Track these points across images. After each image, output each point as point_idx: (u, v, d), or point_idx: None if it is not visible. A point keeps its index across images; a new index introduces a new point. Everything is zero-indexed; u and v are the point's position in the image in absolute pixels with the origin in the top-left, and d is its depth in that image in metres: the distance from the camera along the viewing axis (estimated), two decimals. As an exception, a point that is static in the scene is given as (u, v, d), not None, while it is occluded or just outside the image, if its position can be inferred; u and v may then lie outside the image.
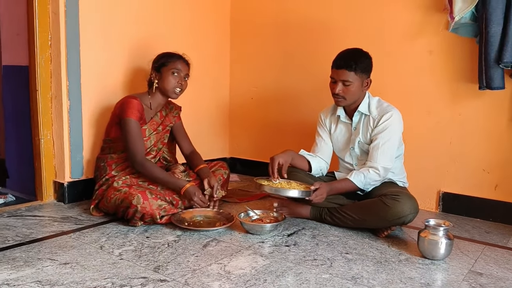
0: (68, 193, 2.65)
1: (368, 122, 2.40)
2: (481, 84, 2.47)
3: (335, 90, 2.34)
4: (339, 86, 2.32)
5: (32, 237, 2.10)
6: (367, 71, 2.36)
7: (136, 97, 2.47)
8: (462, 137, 2.69)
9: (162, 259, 1.89)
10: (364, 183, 2.30)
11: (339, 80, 2.32)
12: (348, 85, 2.31)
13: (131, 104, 2.41)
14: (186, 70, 2.54)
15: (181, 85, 2.51)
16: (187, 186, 2.38)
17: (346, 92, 2.33)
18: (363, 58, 2.34)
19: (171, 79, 2.48)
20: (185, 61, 2.55)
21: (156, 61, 2.54)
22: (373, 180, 2.31)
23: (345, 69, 2.29)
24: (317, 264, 1.90)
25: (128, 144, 2.38)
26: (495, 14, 2.33)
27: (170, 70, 2.48)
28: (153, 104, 2.56)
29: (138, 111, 2.42)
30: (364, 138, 2.42)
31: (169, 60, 2.50)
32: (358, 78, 2.32)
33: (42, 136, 2.65)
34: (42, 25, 2.57)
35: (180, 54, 2.56)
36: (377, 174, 2.30)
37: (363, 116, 2.42)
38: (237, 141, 3.78)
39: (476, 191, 2.68)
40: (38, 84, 2.61)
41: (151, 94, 2.55)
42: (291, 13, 3.33)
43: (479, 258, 2.05)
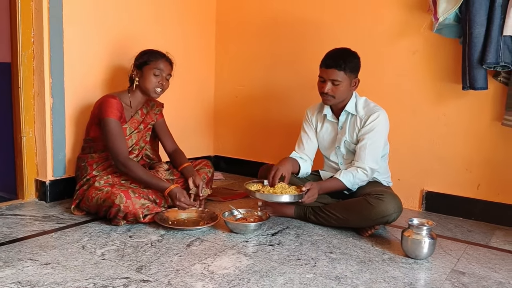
0: (50, 191, 2.62)
1: (355, 121, 2.41)
2: (464, 85, 2.49)
3: (324, 89, 2.33)
4: (328, 85, 2.32)
5: (12, 236, 2.07)
6: (355, 71, 2.37)
7: (115, 96, 2.43)
8: (445, 137, 2.72)
9: (145, 259, 1.88)
10: (352, 182, 2.31)
11: (328, 79, 2.31)
12: (337, 85, 2.31)
13: (110, 103, 2.37)
14: (168, 70, 2.49)
15: (162, 85, 2.47)
16: (171, 188, 2.34)
17: (335, 91, 2.33)
18: (352, 58, 2.34)
19: (152, 79, 2.44)
20: (168, 60, 2.50)
21: (138, 58, 2.49)
22: (361, 180, 2.33)
23: (335, 68, 2.29)
24: (301, 263, 1.90)
25: (110, 144, 2.34)
26: (478, 15, 2.35)
27: (151, 70, 2.43)
28: (133, 103, 2.52)
29: (117, 110, 2.38)
30: (351, 137, 2.43)
31: (152, 59, 2.45)
32: (347, 78, 2.32)
33: (24, 133, 2.61)
34: (25, 21, 2.53)
35: (163, 52, 2.51)
36: (365, 174, 2.32)
37: (350, 116, 2.43)
38: (221, 139, 3.77)
39: (459, 190, 2.71)
40: (21, 81, 2.57)
41: (131, 92, 2.51)
42: (278, 11, 3.32)
43: (461, 257, 2.07)
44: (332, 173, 2.55)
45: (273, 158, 3.21)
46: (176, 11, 3.27)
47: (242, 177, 3.56)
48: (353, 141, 2.42)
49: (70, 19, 2.58)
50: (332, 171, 2.56)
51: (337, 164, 2.52)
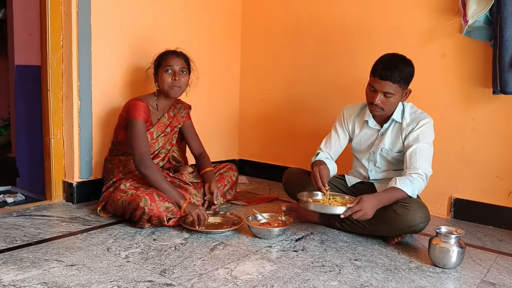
0: (77, 193, 2.66)
1: (399, 129, 2.32)
2: (495, 89, 2.43)
3: (374, 100, 2.21)
4: (379, 97, 2.20)
5: (40, 237, 2.10)
6: (409, 82, 2.25)
7: (142, 99, 2.45)
8: (475, 143, 2.65)
9: (169, 262, 1.88)
10: (412, 189, 2.13)
11: (381, 91, 2.19)
12: (389, 97, 2.21)
13: (137, 105, 2.40)
14: (180, 64, 2.46)
15: (177, 81, 2.43)
16: (184, 206, 2.27)
17: (385, 103, 2.22)
18: (408, 68, 2.20)
19: (165, 77, 2.43)
20: (177, 55, 2.48)
21: (154, 63, 2.52)
22: (419, 186, 2.17)
23: (390, 81, 2.16)
24: (325, 270, 1.88)
25: (133, 145, 2.35)
26: (510, 18, 2.29)
27: (163, 69, 2.44)
28: (159, 106, 2.54)
29: (144, 113, 2.40)
30: (391, 145, 2.35)
31: (162, 59, 2.47)
32: (401, 90, 2.22)
33: (53, 135, 2.66)
34: (54, 25, 2.58)
35: (172, 49, 2.51)
36: (421, 179, 2.16)
37: (394, 123, 2.35)
38: (246, 143, 3.76)
39: (488, 197, 2.63)
40: (50, 84, 2.62)
41: (157, 95, 2.53)
42: (302, 16, 3.30)
43: (491, 267, 2.01)
44: (359, 178, 2.52)
45: (297, 162, 3.19)
46: (202, 15, 3.29)
47: (266, 181, 3.56)
48: (393, 149, 2.34)
49: (98, 22, 2.62)
50: (359, 176, 2.52)
51: (366, 170, 2.47)
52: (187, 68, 2.51)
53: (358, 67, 3.02)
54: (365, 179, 2.50)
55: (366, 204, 2.06)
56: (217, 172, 2.72)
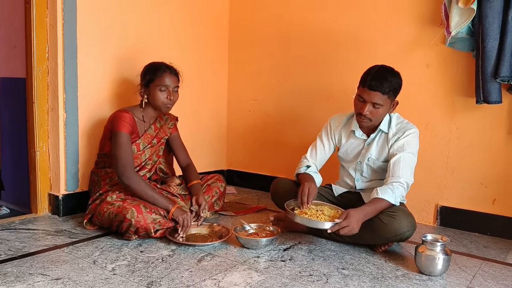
0: (63, 205, 2.63)
1: (385, 139, 2.35)
2: (478, 98, 2.46)
3: (363, 111, 2.23)
4: (368, 107, 2.22)
5: (24, 251, 2.08)
6: (397, 93, 2.28)
7: (128, 111, 2.43)
8: (459, 151, 2.68)
9: (156, 274, 1.87)
10: (394, 197, 2.15)
11: (370, 101, 2.22)
12: (378, 108, 2.23)
13: (122, 117, 2.38)
14: (174, 83, 2.46)
15: (170, 100, 2.45)
16: (173, 210, 2.29)
17: (374, 114, 2.25)
18: (396, 80, 2.23)
19: (159, 96, 2.42)
20: (172, 73, 2.47)
21: (142, 75, 2.48)
22: (400, 194, 2.18)
23: (379, 91, 2.19)
24: (313, 280, 1.88)
25: (116, 156, 2.33)
26: (491, 29, 2.33)
27: (157, 87, 2.42)
28: (146, 117, 2.53)
29: (129, 124, 2.39)
30: (377, 155, 2.37)
31: (156, 76, 2.42)
32: (389, 101, 2.25)
33: (38, 148, 2.64)
34: (40, 37, 2.57)
35: (166, 64, 2.48)
36: (403, 188, 2.19)
37: (380, 133, 2.37)
38: (234, 154, 3.77)
39: (474, 205, 2.66)
40: (35, 96, 2.60)
41: (143, 106, 2.51)
42: (290, 26, 3.33)
43: (477, 274, 2.02)
44: (345, 187, 2.53)
45: (285, 172, 3.20)
46: (189, 26, 3.30)
47: (255, 191, 3.56)
48: (379, 159, 2.37)
49: (83, 34, 2.62)
50: (345, 186, 2.54)
51: (353, 179, 2.48)
52: (178, 85, 2.51)
53: (345, 76, 3.05)
54: (351, 189, 2.51)
55: (353, 220, 2.06)
56: (204, 183, 2.72)
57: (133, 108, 2.51)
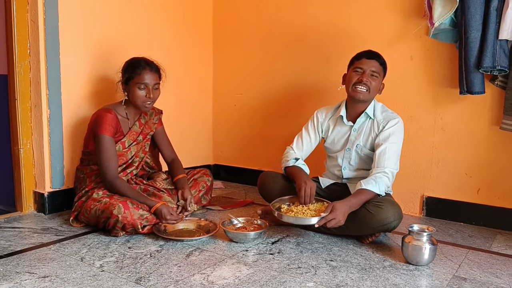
0: (48, 203, 2.61)
1: (372, 126, 2.38)
2: (461, 89, 2.49)
3: (363, 78, 2.30)
4: (367, 76, 2.31)
5: (10, 249, 2.05)
6: (385, 72, 2.40)
7: (110, 110, 2.39)
8: (444, 142, 2.71)
9: (144, 270, 1.86)
10: (378, 187, 2.18)
11: (369, 69, 2.31)
12: (375, 78, 2.33)
13: (105, 118, 2.34)
14: (154, 80, 2.41)
15: (150, 98, 2.40)
16: (157, 206, 2.28)
17: (371, 83, 2.32)
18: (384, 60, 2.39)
19: (139, 94, 2.38)
20: (153, 69, 2.41)
21: (123, 71, 2.43)
22: (385, 183, 2.21)
23: (376, 60, 2.32)
24: (301, 272, 1.89)
25: (100, 161, 2.32)
26: (474, 20, 2.35)
27: (136, 85, 2.37)
28: (129, 114, 2.49)
29: (111, 126, 2.35)
30: (365, 142, 2.39)
31: (135, 73, 2.37)
32: (382, 76, 2.37)
33: (22, 145, 2.60)
34: (21, 33, 2.53)
35: (146, 60, 2.42)
36: (387, 177, 2.22)
37: (368, 120, 2.40)
38: (221, 148, 3.76)
39: (459, 195, 2.70)
40: (17, 93, 2.57)
41: (126, 103, 2.48)
42: (274, 20, 3.33)
43: (462, 263, 2.05)
44: (332, 179, 2.54)
45: (272, 165, 3.20)
46: (173, 21, 3.27)
47: (242, 185, 3.56)
48: (366, 146, 2.39)
49: (66, 30, 2.59)
50: (332, 177, 2.55)
51: (340, 169, 2.49)
52: (159, 82, 2.46)
53: (330, 70, 3.06)
54: (338, 180, 2.52)
55: (339, 212, 2.08)
56: (191, 178, 2.71)
57: (116, 105, 2.47)
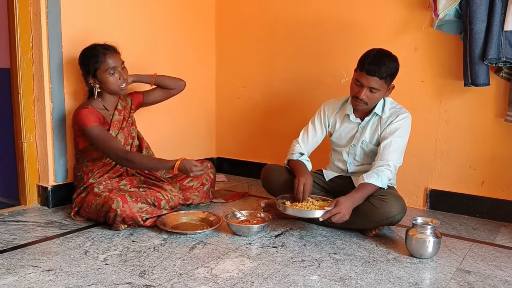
0: (52, 197, 2.61)
1: (378, 122, 2.36)
2: (466, 81, 2.47)
3: (360, 95, 2.24)
4: (364, 92, 2.23)
5: (15, 243, 2.06)
6: (394, 78, 2.29)
7: (86, 106, 2.40)
8: (448, 134, 2.70)
9: (148, 263, 1.87)
10: (380, 180, 2.17)
11: (367, 86, 2.22)
12: (375, 92, 2.24)
13: (84, 113, 2.34)
14: (119, 60, 2.42)
15: (124, 79, 2.42)
16: (178, 164, 2.25)
17: (370, 98, 2.25)
18: (394, 64, 2.25)
19: (112, 80, 2.39)
20: (112, 51, 2.41)
21: (83, 65, 2.41)
22: (387, 176, 2.20)
23: (377, 76, 2.20)
24: (305, 265, 1.89)
25: (104, 149, 2.33)
26: (479, 11, 2.33)
27: (105, 72, 2.37)
28: (107, 105, 2.49)
29: (95, 116, 2.36)
30: (370, 138, 2.38)
31: (99, 61, 2.36)
32: (386, 86, 2.26)
33: (25, 139, 2.60)
34: (23, 26, 2.52)
35: (102, 46, 2.41)
36: (389, 170, 2.20)
37: (375, 116, 2.38)
38: (224, 141, 3.75)
39: (463, 187, 2.69)
40: (20, 87, 2.56)
41: (101, 97, 2.48)
42: (278, 11, 3.30)
43: (466, 256, 2.05)
44: (337, 172, 2.53)
45: (275, 158, 3.19)
46: (176, 13, 3.26)
47: (245, 178, 3.56)
48: (371, 142, 2.37)
49: (68, 23, 2.57)
50: (336, 170, 2.54)
51: (345, 163, 2.48)
52: (123, 61, 2.47)
53: (334, 63, 3.04)
54: (343, 173, 2.51)
55: (344, 207, 2.08)
56: None
57: (91, 101, 2.47)
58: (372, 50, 2.28)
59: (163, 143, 2.90)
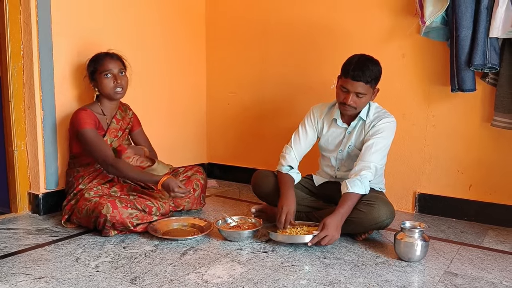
0: (43, 204, 2.61)
1: (363, 126, 2.38)
2: (453, 87, 2.51)
3: (347, 101, 2.26)
4: (352, 97, 2.25)
5: (5, 251, 2.06)
6: (378, 81, 2.32)
7: (85, 108, 2.47)
8: (436, 139, 2.74)
9: (139, 270, 1.88)
10: (364, 187, 2.18)
11: (354, 91, 2.24)
12: (361, 97, 2.26)
13: (81, 115, 2.41)
14: (118, 66, 2.49)
15: (119, 84, 2.48)
16: (163, 180, 2.31)
17: (357, 103, 2.27)
18: (377, 68, 2.28)
19: (106, 82, 2.46)
20: (113, 57, 2.51)
21: (87, 68, 2.53)
22: (368, 179, 2.21)
23: (362, 81, 2.22)
24: (295, 270, 1.91)
25: (93, 153, 2.38)
26: (464, 18, 2.37)
27: (101, 74, 2.46)
28: (105, 110, 2.55)
29: (91, 119, 2.43)
30: (356, 142, 2.40)
31: (97, 64, 2.47)
32: (371, 90, 2.28)
33: (16, 147, 2.61)
34: (14, 35, 2.53)
35: (105, 52, 2.53)
36: (370, 173, 2.21)
37: (360, 121, 2.40)
38: (215, 147, 3.77)
39: (451, 191, 2.72)
40: (11, 95, 2.57)
41: (100, 101, 2.55)
42: (268, 17, 3.34)
43: (454, 259, 2.08)
44: (326, 177, 2.55)
45: (266, 164, 3.21)
46: (165, 18, 3.28)
47: (236, 183, 3.57)
48: (357, 146, 2.39)
49: (59, 31, 2.59)
50: (326, 175, 2.56)
51: (333, 169, 2.50)
52: (124, 68, 2.55)
53: (323, 68, 3.07)
54: (331, 178, 2.54)
55: (331, 227, 2.09)
56: (183, 174, 2.72)
57: (91, 105, 2.54)
58: (353, 56, 2.30)
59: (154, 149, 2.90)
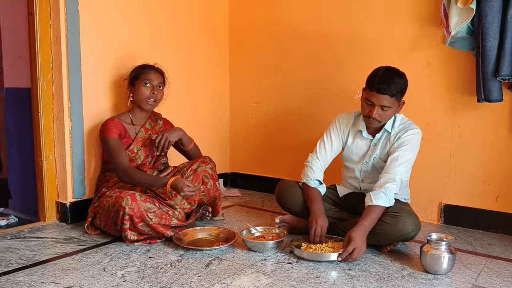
0: (70, 213, 2.66)
1: (388, 138, 2.36)
2: (479, 97, 2.49)
3: (372, 114, 2.23)
4: (376, 110, 2.22)
5: (35, 259, 2.11)
6: (404, 94, 2.29)
7: (113, 118, 2.56)
8: (462, 149, 2.70)
9: (165, 280, 1.90)
10: (388, 200, 2.16)
11: (379, 105, 2.22)
12: (386, 110, 2.24)
13: (107, 125, 2.51)
14: (158, 79, 2.59)
15: (154, 95, 2.56)
16: (171, 181, 2.31)
17: (382, 116, 2.26)
18: (403, 81, 2.24)
19: (143, 90, 2.54)
20: (157, 71, 2.61)
21: (130, 75, 2.61)
22: (393, 192, 2.19)
23: (387, 95, 2.19)
24: (320, 281, 1.90)
25: (111, 159, 2.47)
26: (491, 28, 2.35)
27: (142, 82, 2.55)
28: (134, 120, 2.62)
29: (116, 128, 2.50)
30: (381, 154, 2.38)
31: (141, 72, 2.57)
32: (397, 103, 2.26)
33: (45, 157, 2.67)
34: (44, 48, 2.60)
35: (151, 64, 2.63)
36: (395, 185, 2.19)
37: (385, 133, 2.38)
38: (237, 156, 3.79)
39: (477, 202, 2.68)
40: (40, 106, 2.64)
41: (131, 110, 2.63)
42: (290, 29, 3.35)
43: (482, 272, 2.05)
44: (350, 189, 2.54)
45: (289, 174, 3.22)
46: (190, 32, 3.32)
47: (259, 193, 3.58)
48: (382, 158, 2.38)
49: (87, 44, 2.65)
50: (350, 187, 2.55)
51: (357, 180, 2.49)
52: (163, 84, 2.63)
53: (347, 78, 3.07)
54: (356, 190, 2.52)
55: (357, 240, 2.06)
56: (189, 168, 2.62)
57: (120, 115, 2.63)
58: (379, 68, 2.28)
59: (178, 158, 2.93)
